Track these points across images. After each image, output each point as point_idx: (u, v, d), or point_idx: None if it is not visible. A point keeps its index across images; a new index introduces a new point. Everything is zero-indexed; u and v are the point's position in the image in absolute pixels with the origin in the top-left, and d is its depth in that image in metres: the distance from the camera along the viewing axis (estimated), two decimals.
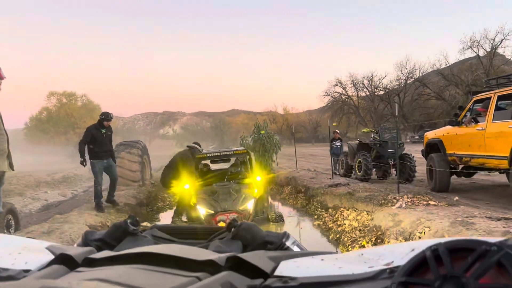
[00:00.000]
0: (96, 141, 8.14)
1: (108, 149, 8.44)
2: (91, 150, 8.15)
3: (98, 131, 8.23)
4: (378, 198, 7.50)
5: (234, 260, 0.77)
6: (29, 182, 16.59)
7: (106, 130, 8.37)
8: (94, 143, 8.13)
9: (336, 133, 15.31)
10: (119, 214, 8.63)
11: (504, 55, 37.66)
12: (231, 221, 1.06)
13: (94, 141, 8.12)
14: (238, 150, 10.01)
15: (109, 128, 8.45)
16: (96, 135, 8.16)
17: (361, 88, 52.03)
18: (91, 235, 1.09)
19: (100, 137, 8.21)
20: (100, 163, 8.20)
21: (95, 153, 8.16)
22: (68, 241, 5.99)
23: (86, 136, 8.13)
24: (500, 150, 6.84)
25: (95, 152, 8.15)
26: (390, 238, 5.69)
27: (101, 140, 8.21)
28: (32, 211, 11.24)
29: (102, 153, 8.24)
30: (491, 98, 7.37)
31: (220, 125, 72.32)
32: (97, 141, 8.15)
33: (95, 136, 8.14)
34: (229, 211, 7.82)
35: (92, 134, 8.14)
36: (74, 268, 0.81)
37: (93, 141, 8.12)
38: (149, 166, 15.42)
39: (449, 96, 40.18)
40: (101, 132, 8.26)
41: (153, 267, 0.77)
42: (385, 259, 0.76)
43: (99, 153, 8.17)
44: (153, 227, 1.18)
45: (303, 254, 0.90)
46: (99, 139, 8.19)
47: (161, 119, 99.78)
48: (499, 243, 0.55)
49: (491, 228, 4.60)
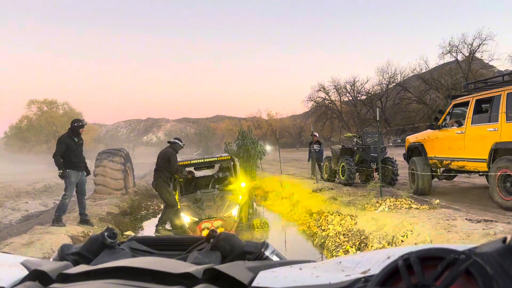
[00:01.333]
0: (71, 151, 7.62)
1: (83, 160, 7.95)
2: (67, 161, 7.59)
3: (72, 141, 7.71)
4: (361, 202, 7.57)
5: (211, 272, 0.76)
6: (9, 192, 16.26)
7: (78, 139, 7.87)
8: (69, 154, 7.60)
9: (314, 136, 14.36)
10: (102, 223, 8.50)
11: (482, 59, 38.44)
12: (210, 231, 1.06)
13: (69, 151, 7.60)
14: (223, 157, 9.99)
15: (80, 137, 7.95)
16: (70, 145, 7.64)
17: (343, 93, 52.53)
18: (67, 249, 1.07)
19: (74, 146, 7.70)
20: (76, 174, 7.71)
21: (72, 163, 7.64)
22: (48, 253, 5.87)
23: (61, 148, 7.56)
24: (479, 153, 6.98)
25: (72, 162, 7.63)
26: (373, 242, 5.73)
27: (75, 150, 7.71)
28: (12, 222, 10.99)
29: (80, 163, 7.79)
30: (470, 102, 7.52)
31: (204, 131, 72.08)
32: (72, 151, 7.64)
33: (69, 146, 7.62)
34: (214, 218, 7.79)
35: (67, 144, 7.61)
36: (48, 284, 0.79)
37: (68, 152, 7.59)
38: (132, 174, 15.26)
39: (430, 100, 40.82)
40: (75, 142, 7.75)
41: (129, 282, 0.76)
42: (362, 267, 0.77)
43: (76, 163, 7.70)
44: (131, 239, 1.16)
45: (281, 264, 0.90)
46: (74, 148, 7.68)
47: (145, 126, 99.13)
48: (467, 251, 0.56)
49: (471, 231, 4.68)
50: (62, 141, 7.68)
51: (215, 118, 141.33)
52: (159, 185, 8.54)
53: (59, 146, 7.61)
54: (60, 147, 7.58)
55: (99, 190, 12.95)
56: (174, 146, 8.85)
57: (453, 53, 38.16)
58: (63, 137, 7.81)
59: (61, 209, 7.69)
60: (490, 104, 6.94)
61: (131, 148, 68.94)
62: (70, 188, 7.64)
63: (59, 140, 7.75)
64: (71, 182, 7.62)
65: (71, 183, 7.63)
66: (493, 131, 6.62)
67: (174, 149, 8.81)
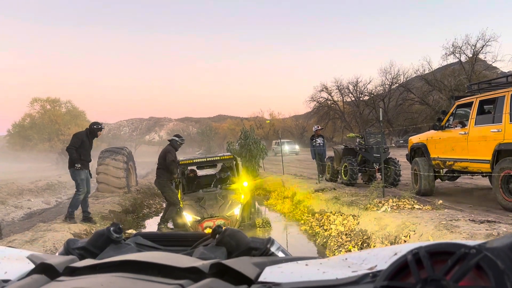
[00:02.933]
0: (84, 149, 7.82)
1: (90, 160, 8.12)
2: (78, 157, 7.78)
3: (87, 139, 7.95)
4: (363, 202, 7.55)
5: (218, 267, 0.76)
6: (11, 190, 16.30)
7: (92, 140, 8.13)
8: (82, 151, 7.79)
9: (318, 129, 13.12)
10: (105, 221, 8.52)
11: (485, 60, 38.33)
12: (215, 227, 1.05)
13: (82, 149, 7.79)
14: (225, 156, 10.00)
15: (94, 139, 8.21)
16: (85, 143, 7.85)
17: (346, 94, 52.43)
18: (73, 244, 1.07)
19: (88, 146, 7.93)
20: (85, 171, 7.87)
21: (82, 161, 7.79)
22: (51, 249, 5.89)
23: (77, 142, 7.77)
24: (483, 154, 6.96)
25: (82, 160, 7.78)
26: (376, 242, 5.73)
27: (88, 149, 7.93)
28: (14, 220, 11.03)
29: (87, 163, 7.94)
30: (473, 102, 7.50)
31: (207, 131, 72.07)
32: (85, 150, 7.85)
33: (84, 143, 7.83)
34: (216, 217, 7.79)
35: (83, 141, 7.82)
36: (55, 278, 0.79)
37: (81, 149, 7.77)
38: (134, 172, 15.30)
39: (433, 101, 40.72)
40: (89, 141, 8.00)
41: (136, 275, 0.76)
42: (368, 264, 0.76)
43: (84, 162, 7.84)
44: (137, 235, 1.16)
45: (287, 260, 0.90)
46: (87, 147, 7.90)
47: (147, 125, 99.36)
48: (478, 246, 0.56)
49: (474, 231, 4.67)
50: (79, 136, 7.91)
51: (218, 117, 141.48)
52: (162, 183, 8.55)
53: (76, 140, 7.82)
54: (76, 141, 7.79)
55: (101, 188, 12.98)
56: (172, 143, 8.83)
57: (456, 54, 38.06)
58: (80, 133, 8.03)
59: (74, 205, 7.88)
60: (493, 105, 6.92)
61: (133, 147, 69.07)
62: (83, 185, 7.78)
63: (76, 135, 7.97)
64: (82, 179, 7.77)
65: (83, 180, 7.78)
66: (497, 132, 6.61)
67: (174, 147, 8.80)
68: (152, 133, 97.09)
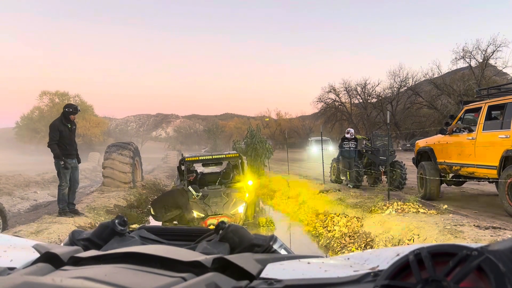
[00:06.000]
0: (64, 138, 7.30)
1: (75, 147, 7.63)
2: (61, 149, 7.28)
3: (65, 127, 7.34)
4: (368, 204, 7.53)
5: (220, 262, 0.77)
6: (18, 181, 16.43)
7: (71, 125, 7.50)
8: (63, 141, 7.28)
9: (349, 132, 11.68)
10: (109, 215, 8.57)
11: (495, 66, 37.99)
12: (219, 223, 1.06)
13: (62, 138, 7.27)
14: (230, 154, 10.01)
15: (73, 123, 7.56)
16: (63, 132, 7.28)
17: (354, 95, 52.24)
18: (78, 235, 1.08)
19: (67, 133, 7.36)
20: (71, 162, 7.41)
21: (66, 151, 7.33)
22: (56, 241, 5.93)
23: (55, 135, 7.21)
24: (490, 159, 6.91)
25: (66, 150, 7.33)
26: (379, 245, 5.71)
27: (69, 137, 7.39)
28: (20, 211, 11.13)
29: (73, 151, 7.49)
30: (482, 108, 7.44)
31: (213, 129, 72.08)
32: (65, 138, 7.32)
33: (62, 133, 7.26)
34: (220, 215, 7.80)
35: (60, 131, 7.23)
36: (59, 267, 0.80)
37: (62, 140, 7.26)
38: (140, 168, 15.35)
39: (441, 105, 40.42)
40: (68, 128, 7.39)
41: (139, 267, 0.77)
42: (370, 264, 0.77)
43: (70, 151, 7.39)
44: (141, 228, 1.17)
45: (290, 257, 0.90)
46: (67, 135, 7.34)
47: (154, 121, 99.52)
48: (480, 248, 0.56)
49: (479, 237, 4.64)
50: (55, 127, 7.30)
51: (224, 116, 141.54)
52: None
53: (53, 133, 7.25)
54: (54, 134, 7.23)
55: (107, 183, 13.05)
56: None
57: (466, 58, 37.74)
58: (55, 123, 7.39)
59: (62, 200, 7.54)
60: (502, 111, 6.87)
61: (140, 142, 69.27)
62: (65, 177, 7.35)
63: (52, 127, 7.34)
64: (65, 172, 7.32)
65: (65, 173, 7.33)
66: (505, 138, 6.55)
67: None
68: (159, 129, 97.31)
